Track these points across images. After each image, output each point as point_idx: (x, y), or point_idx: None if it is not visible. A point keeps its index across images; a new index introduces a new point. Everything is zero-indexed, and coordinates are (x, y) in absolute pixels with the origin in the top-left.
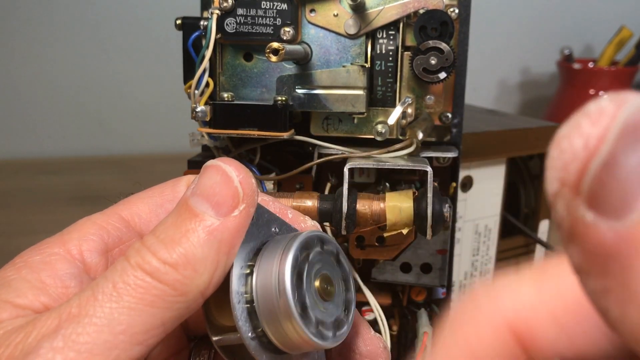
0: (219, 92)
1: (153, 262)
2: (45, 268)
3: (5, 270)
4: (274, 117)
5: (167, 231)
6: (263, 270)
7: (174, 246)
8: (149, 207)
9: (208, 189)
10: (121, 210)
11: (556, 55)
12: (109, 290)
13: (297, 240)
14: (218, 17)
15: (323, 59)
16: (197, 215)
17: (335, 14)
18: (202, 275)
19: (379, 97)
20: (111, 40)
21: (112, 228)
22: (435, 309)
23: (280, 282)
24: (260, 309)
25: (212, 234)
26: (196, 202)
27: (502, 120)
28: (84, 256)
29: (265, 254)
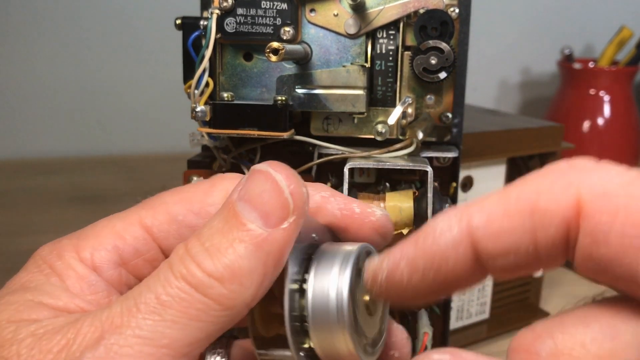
0: (218, 92)
1: (197, 274)
2: (70, 275)
3: (32, 274)
4: (274, 117)
5: (212, 238)
6: (318, 287)
7: (220, 257)
8: (171, 215)
9: (256, 196)
10: (144, 217)
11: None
12: (152, 302)
13: (352, 257)
14: (218, 16)
15: (323, 58)
16: (244, 224)
17: (335, 13)
18: (248, 289)
19: (379, 97)
20: (111, 40)
21: (131, 237)
22: (436, 310)
23: (339, 303)
24: (313, 327)
25: (259, 246)
26: (243, 208)
27: (502, 120)
28: (96, 267)
29: (317, 269)
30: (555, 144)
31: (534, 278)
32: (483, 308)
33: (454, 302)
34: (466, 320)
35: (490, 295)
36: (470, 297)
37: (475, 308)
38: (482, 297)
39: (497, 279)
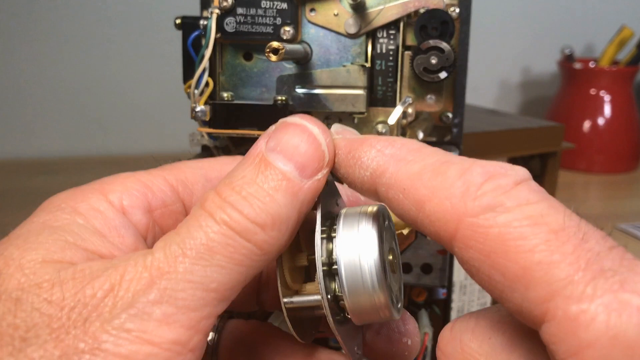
0: (218, 91)
1: (242, 221)
2: (96, 216)
3: (54, 213)
4: (274, 116)
5: (249, 187)
6: (347, 238)
7: (262, 205)
8: (195, 177)
9: (293, 148)
10: (167, 174)
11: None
12: (199, 248)
13: (378, 211)
14: (218, 16)
15: (323, 58)
16: (282, 174)
17: (336, 13)
18: (284, 234)
19: (379, 97)
20: (111, 40)
21: (157, 189)
22: (436, 310)
23: (368, 251)
24: (344, 275)
25: (296, 195)
26: (277, 159)
27: (502, 120)
28: (126, 212)
29: (345, 222)
30: (555, 144)
31: None
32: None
33: (454, 302)
34: None
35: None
36: (471, 297)
37: (476, 308)
38: (482, 297)
39: None
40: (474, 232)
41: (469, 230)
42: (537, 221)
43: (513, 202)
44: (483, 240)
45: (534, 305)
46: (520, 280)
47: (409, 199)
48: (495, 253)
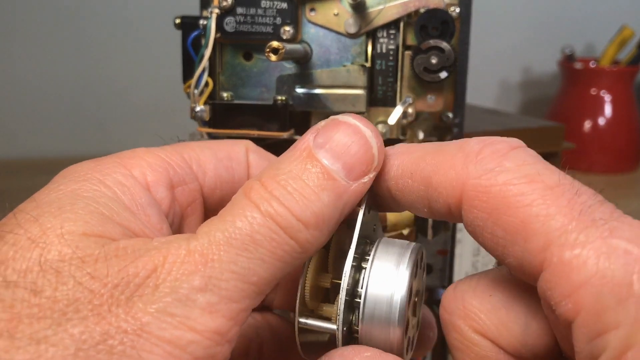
0: (218, 91)
1: (288, 217)
2: (125, 191)
3: (82, 184)
4: (274, 116)
5: (295, 182)
6: (379, 272)
7: (308, 203)
8: (206, 157)
9: (343, 147)
10: (182, 152)
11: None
12: (244, 239)
13: (414, 255)
14: (217, 16)
15: (323, 58)
16: (328, 174)
17: (336, 13)
18: (324, 235)
19: (379, 97)
20: (110, 40)
21: (177, 165)
22: (436, 310)
23: (397, 295)
24: (365, 309)
25: (341, 197)
26: (325, 157)
27: (503, 120)
28: (150, 187)
29: (379, 255)
30: (556, 144)
31: None
32: None
33: None
34: None
35: None
36: None
37: None
38: None
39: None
40: (478, 192)
41: (473, 192)
42: (534, 179)
43: (511, 163)
44: (486, 199)
45: (533, 255)
46: (520, 233)
47: (417, 180)
48: (497, 210)
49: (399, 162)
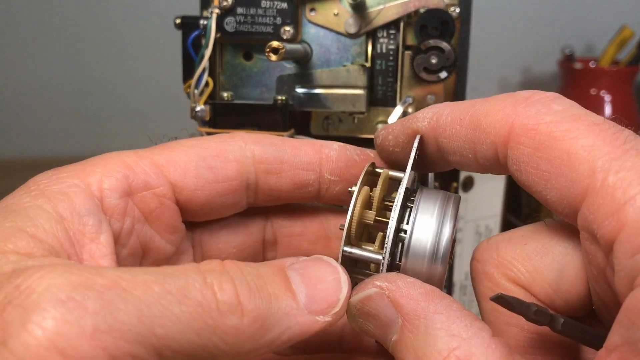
0: (218, 91)
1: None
2: (62, 199)
3: (20, 197)
4: (274, 116)
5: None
6: (426, 213)
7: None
8: (188, 156)
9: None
10: (156, 155)
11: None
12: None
13: (457, 203)
14: (218, 16)
15: (323, 58)
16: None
17: (336, 13)
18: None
19: (379, 97)
20: (110, 40)
21: (141, 170)
22: None
23: (441, 244)
24: (412, 244)
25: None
26: (294, 277)
27: None
28: (104, 195)
29: (425, 197)
30: None
31: None
32: None
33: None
34: None
35: None
36: (471, 297)
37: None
38: None
39: (458, 168)
40: (526, 130)
41: (521, 129)
42: (580, 117)
43: (558, 107)
44: (533, 135)
45: (577, 183)
46: (565, 164)
47: (466, 125)
48: (543, 144)
49: (449, 110)
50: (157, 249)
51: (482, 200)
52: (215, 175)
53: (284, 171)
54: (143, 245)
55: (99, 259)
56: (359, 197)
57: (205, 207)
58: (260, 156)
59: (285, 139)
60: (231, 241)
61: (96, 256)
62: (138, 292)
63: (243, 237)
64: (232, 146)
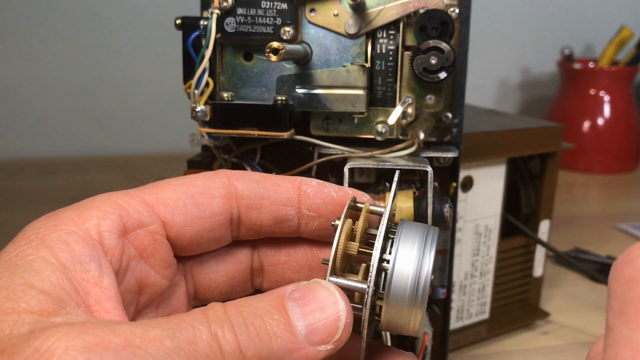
0: (218, 91)
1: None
2: (63, 248)
3: (22, 248)
4: (274, 117)
5: (255, 319)
6: (406, 245)
7: (257, 342)
8: (177, 194)
9: (312, 309)
10: (146, 194)
11: (557, 55)
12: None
13: (436, 236)
14: (218, 16)
15: (323, 58)
16: (290, 326)
17: (336, 13)
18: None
19: (379, 97)
20: (111, 40)
21: (133, 210)
22: (436, 310)
23: (422, 275)
24: (394, 278)
25: (291, 353)
26: (294, 311)
27: (502, 120)
28: (102, 237)
29: (407, 229)
30: (555, 144)
31: (534, 278)
32: (483, 308)
33: (453, 302)
34: (466, 320)
35: (490, 295)
36: (470, 297)
37: (475, 308)
38: (482, 297)
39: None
40: None
41: None
42: None
43: None
44: None
45: None
46: None
47: None
48: None
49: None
50: (152, 284)
51: (481, 200)
52: (202, 212)
53: (265, 207)
54: (139, 282)
55: (105, 302)
56: (343, 229)
57: (194, 242)
58: (243, 192)
59: (267, 176)
60: (221, 270)
61: (102, 300)
62: (151, 349)
63: (232, 265)
64: (216, 182)
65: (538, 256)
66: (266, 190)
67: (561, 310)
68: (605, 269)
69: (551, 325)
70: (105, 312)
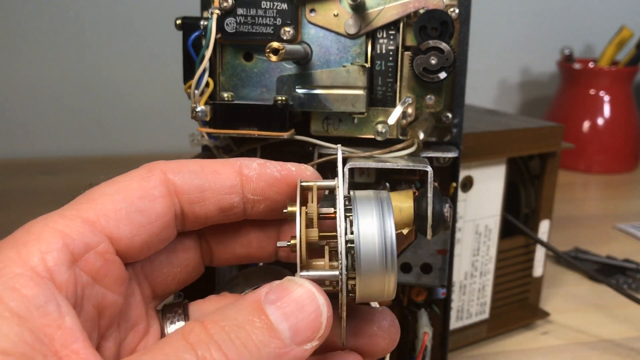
0: (218, 92)
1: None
2: (13, 296)
3: None
4: (274, 117)
5: (238, 331)
6: (367, 216)
7: (247, 356)
8: (116, 204)
9: (293, 309)
10: (84, 212)
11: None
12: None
13: (389, 198)
14: (218, 16)
15: (323, 58)
16: (274, 331)
17: (336, 13)
18: None
19: (379, 97)
20: (111, 40)
21: (76, 233)
22: (436, 310)
23: (388, 232)
24: (361, 252)
25: (280, 356)
26: (274, 313)
27: (502, 120)
28: (52, 273)
29: (361, 202)
30: (555, 144)
31: (534, 278)
32: (483, 308)
33: (453, 302)
34: (466, 320)
35: (490, 295)
36: (470, 297)
37: (475, 308)
38: (482, 297)
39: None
40: None
41: None
42: None
43: None
44: None
45: None
46: None
47: None
48: None
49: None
50: (110, 305)
51: (481, 200)
52: (147, 217)
53: (207, 198)
54: (97, 307)
55: (72, 344)
56: (301, 222)
57: (144, 248)
58: (182, 187)
59: (205, 164)
60: (173, 263)
61: (68, 343)
62: None
63: (182, 254)
64: (153, 182)
65: (538, 256)
66: (206, 181)
67: (561, 310)
68: (605, 269)
69: (551, 325)
70: (75, 355)
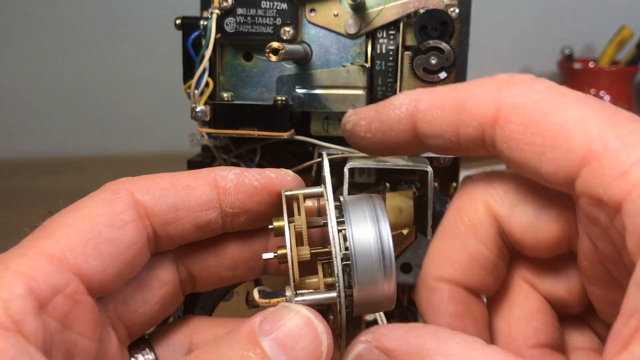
0: (218, 92)
1: None
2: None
3: None
4: (274, 117)
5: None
6: (360, 232)
7: None
8: (82, 236)
9: (290, 339)
10: (48, 248)
11: (557, 55)
12: None
13: (382, 203)
14: (218, 16)
15: (323, 58)
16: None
17: (336, 13)
18: None
19: (379, 97)
20: (111, 40)
21: (41, 275)
22: None
23: (385, 245)
24: (358, 265)
25: None
26: (270, 346)
27: None
28: (19, 324)
29: (354, 210)
30: None
31: None
32: None
33: None
34: None
35: None
36: None
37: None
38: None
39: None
40: (515, 109)
41: (509, 109)
42: (565, 93)
43: (541, 85)
44: (522, 113)
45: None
46: (559, 136)
47: (449, 109)
48: (534, 121)
49: (427, 96)
50: (82, 352)
51: None
52: (117, 247)
53: (182, 217)
54: (67, 355)
55: None
56: (291, 244)
57: (117, 280)
58: (153, 209)
59: (175, 178)
60: (150, 300)
61: None
62: None
63: (159, 291)
64: (121, 206)
65: None
66: (179, 199)
67: None
68: None
69: None
70: None
